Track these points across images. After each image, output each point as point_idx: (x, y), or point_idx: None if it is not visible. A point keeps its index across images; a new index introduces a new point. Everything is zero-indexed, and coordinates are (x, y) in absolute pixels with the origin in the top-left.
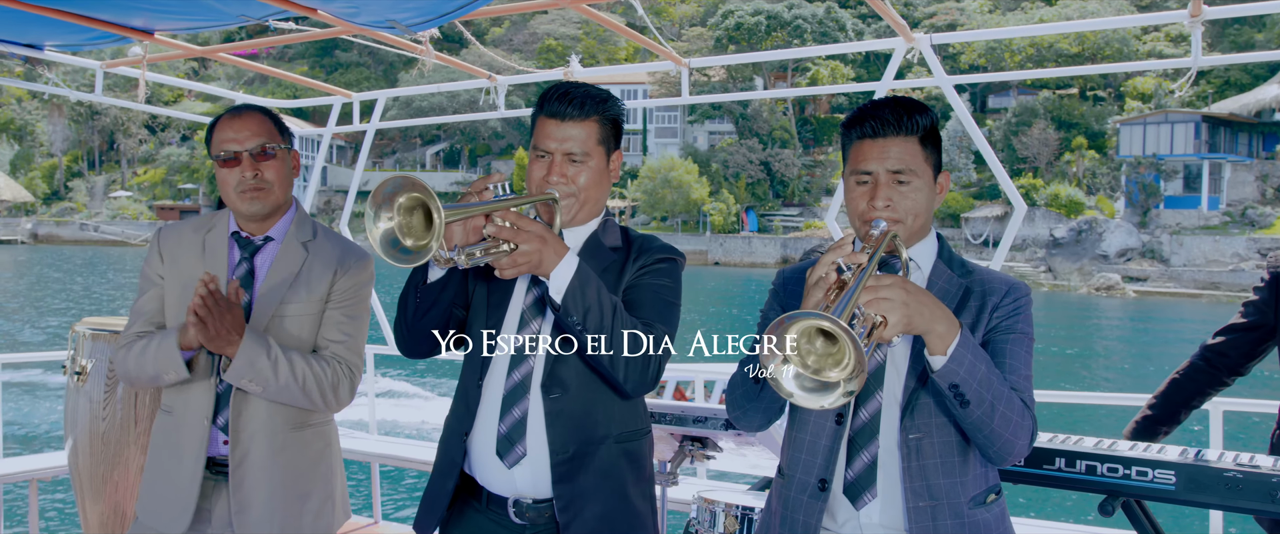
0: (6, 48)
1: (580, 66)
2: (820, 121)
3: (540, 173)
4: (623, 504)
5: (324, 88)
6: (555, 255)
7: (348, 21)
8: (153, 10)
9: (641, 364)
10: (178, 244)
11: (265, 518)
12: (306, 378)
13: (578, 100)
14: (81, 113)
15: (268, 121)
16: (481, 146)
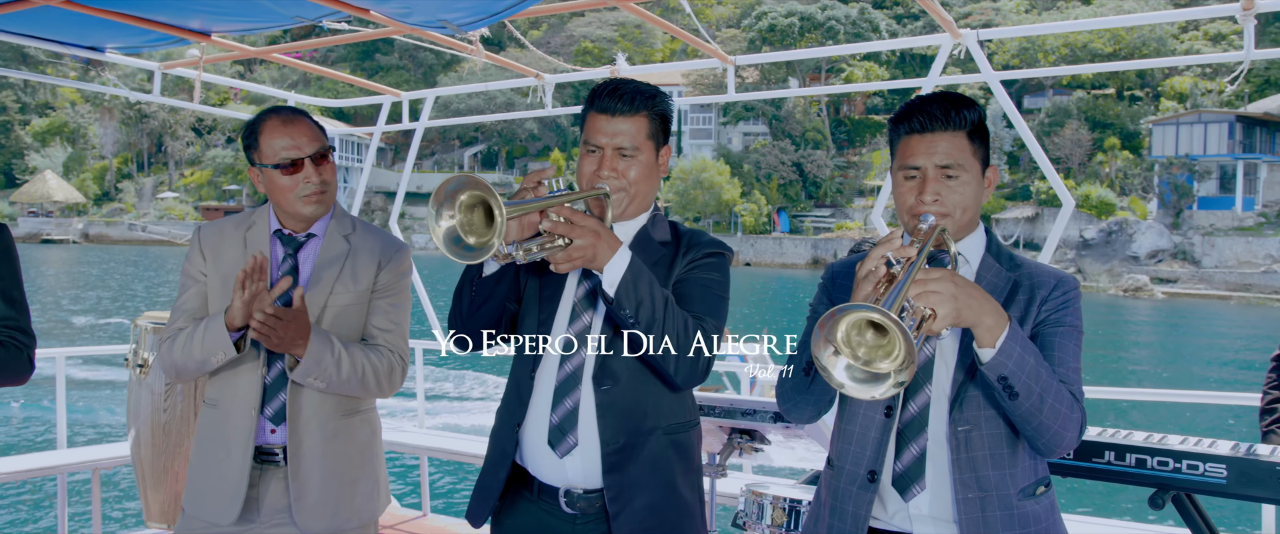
0: (69, 50)
1: (627, 65)
2: (854, 122)
3: (591, 167)
4: (671, 495)
5: (373, 87)
6: (609, 249)
7: (399, 22)
8: (209, 12)
9: (692, 357)
10: (219, 241)
11: (320, 504)
12: (365, 370)
13: (628, 96)
14: (131, 116)
15: (315, 125)
16: (519, 148)
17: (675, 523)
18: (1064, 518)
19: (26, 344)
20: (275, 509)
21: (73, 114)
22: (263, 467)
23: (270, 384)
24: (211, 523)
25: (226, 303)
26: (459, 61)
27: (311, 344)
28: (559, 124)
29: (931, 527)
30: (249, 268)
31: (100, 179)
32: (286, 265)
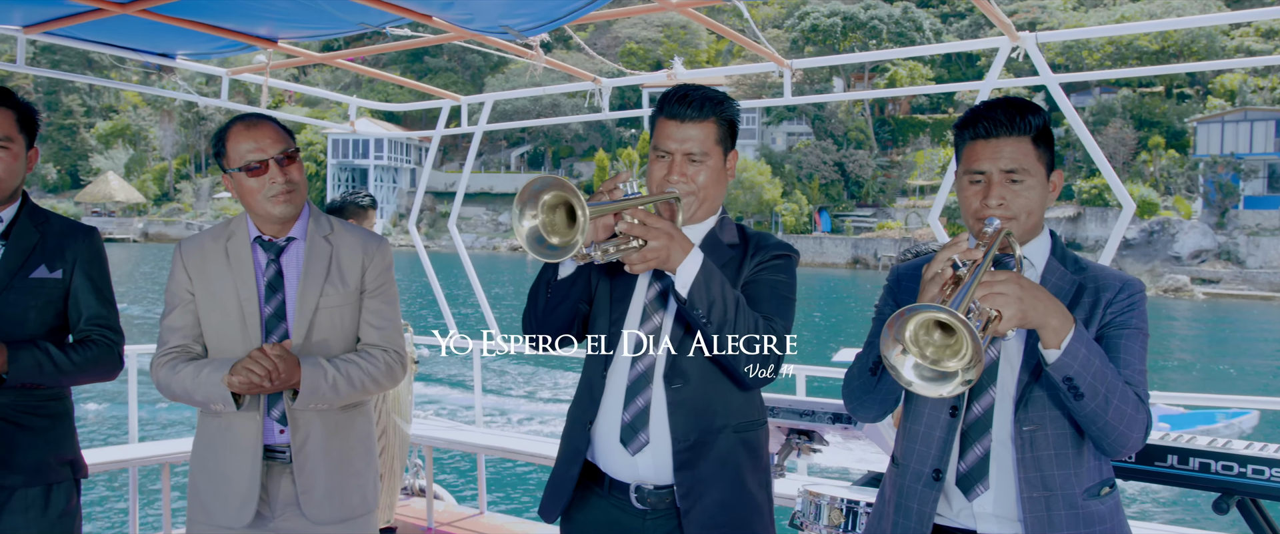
0: (142, 57)
1: (683, 68)
2: (898, 122)
3: (661, 172)
4: (740, 492)
5: (433, 91)
6: (682, 251)
7: (462, 27)
8: (277, 19)
9: (762, 356)
10: (201, 257)
11: (327, 496)
12: (362, 381)
13: (696, 102)
14: (190, 119)
15: (280, 127)
16: (564, 149)
17: (744, 520)
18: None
19: (117, 341)
20: (285, 503)
21: (135, 117)
22: (269, 464)
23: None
24: (225, 526)
25: (217, 317)
26: (506, 64)
27: (305, 376)
28: (604, 125)
29: (995, 525)
30: (256, 380)
31: (160, 180)
32: (271, 271)
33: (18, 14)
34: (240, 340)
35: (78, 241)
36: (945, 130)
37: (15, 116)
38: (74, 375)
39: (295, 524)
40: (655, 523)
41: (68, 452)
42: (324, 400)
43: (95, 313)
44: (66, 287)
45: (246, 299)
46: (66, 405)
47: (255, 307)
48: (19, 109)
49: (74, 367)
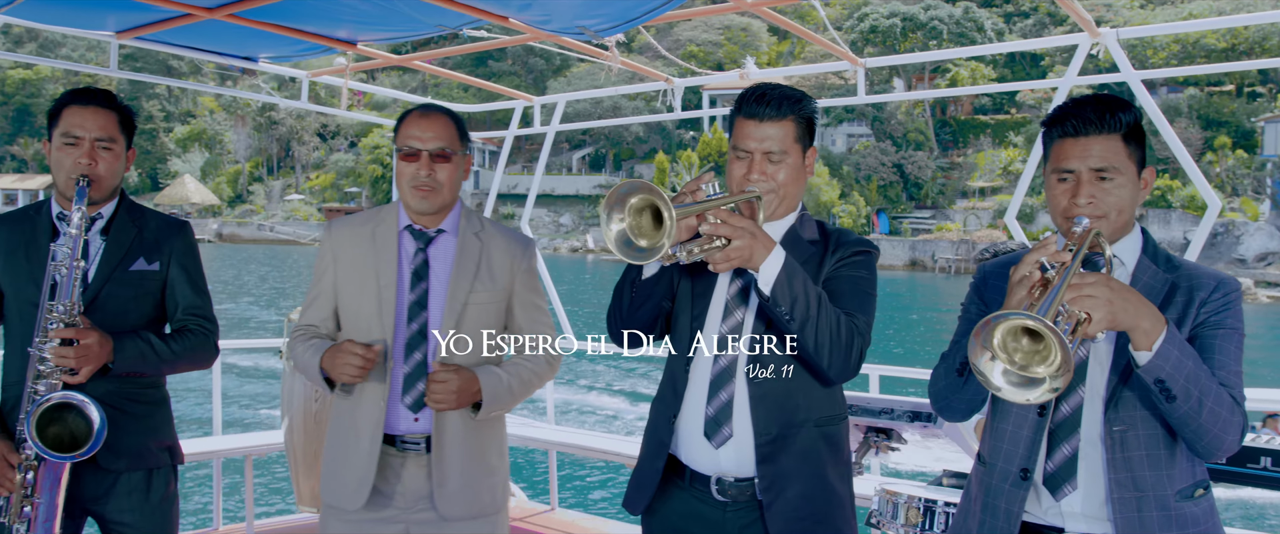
0: (226, 60)
1: (756, 68)
2: (960, 123)
3: (741, 171)
4: (822, 485)
5: (507, 92)
6: (764, 249)
7: (538, 28)
8: (356, 22)
9: (845, 352)
10: (348, 239)
11: (459, 492)
12: (531, 381)
13: (775, 101)
14: (263, 123)
15: (451, 125)
16: (626, 150)
17: (826, 514)
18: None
19: (212, 331)
20: (417, 496)
21: (211, 122)
22: (403, 453)
23: (409, 374)
24: (342, 509)
25: (353, 297)
26: (567, 67)
27: (485, 386)
28: (665, 128)
29: (1084, 524)
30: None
31: (234, 182)
32: (418, 259)
33: (111, 20)
34: (375, 321)
35: (173, 235)
36: (1007, 131)
37: (117, 118)
38: (174, 364)
39: (425, 518)
40: (736, 514)
41: (166, 437)
42: (504, 406)
43: (191, 303)
44: (164, 278)
45: (385, 284)
46: (164, 393)
47: (393, 291)
48: (120, 111)
49: (174, 355)
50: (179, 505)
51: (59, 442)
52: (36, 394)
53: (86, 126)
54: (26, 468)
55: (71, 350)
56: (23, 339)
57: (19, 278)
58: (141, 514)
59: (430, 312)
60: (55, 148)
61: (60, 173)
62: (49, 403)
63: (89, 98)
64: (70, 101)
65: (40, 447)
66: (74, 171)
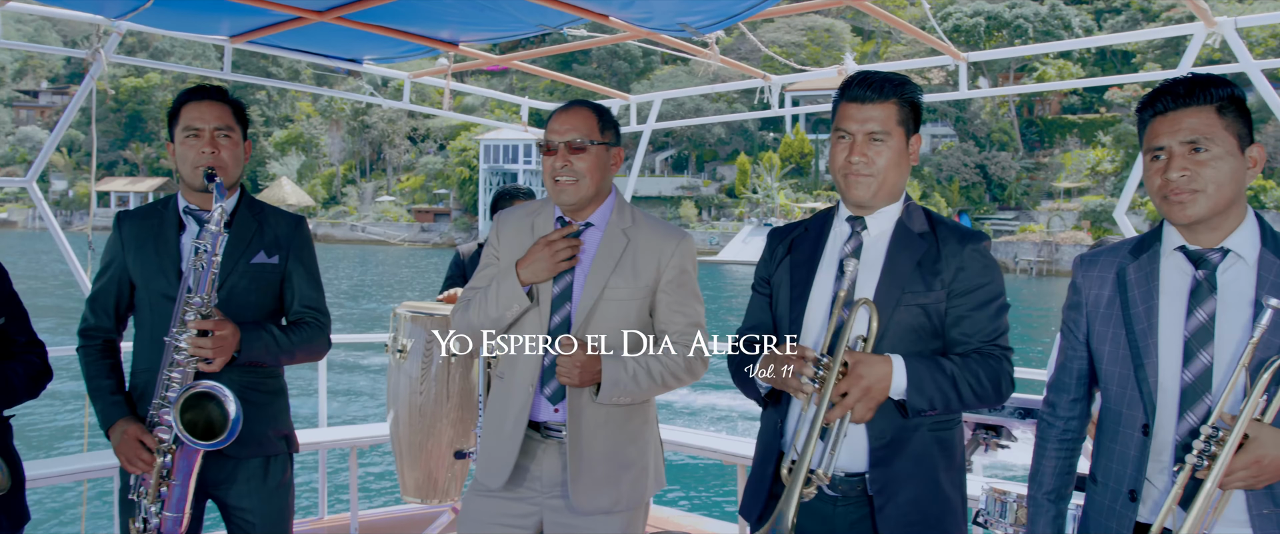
0: (332, 62)
1: (854, 63)
2: (1047, 122)
3: (842, 154)
4: (934, 490)
5: (603, 90)
6: (882, 387)
7: (638, 26)
8: (459, 23)
9: (995, 396)
10: (511, 229)
11: (592, 484)
12: (664, 376)
13: (877, 83)
14: (355, 127)
15: (591, 116)
16: (708, 152)
17: (938, 519)
18: None
19: (327, 324)
20: (552, 483)
21: (308, 126)
22: (546, 440)
23: (548, 366)
24: (487, 485)
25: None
26: (651, 70)
27: (606, 370)
28: (747, 128)
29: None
30: (556, 237)
31: (328, 184)
32: None
33: (225, 24)
34: (533, 311)
35: (291, 229)
36: (1096, 130)
37: (232, 110)
38: (293, 355)
39: (557, 506)
40: (846, 510)
41: (284, 426)
42: (626, 394)
43: (308, 297)
44: (283, 272)
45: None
46: (282, 383)
47: (547, 282)
48: (234, 104)
49: (293, 346)
50: (294, 492)
51: (193, 428)
52: (171, 382)
53: (205, 118)
54: (165, 451)
55: (208, 341)
56: (153, 329)
57: (149, 270)
58: (259, 499)
59: (572, 303)
60: (178, 144)
61: (185, 165)
62: (194, 390)
63: (204, 93)
64: (187, 99)
65: (184, 433)
66: (199, 161)
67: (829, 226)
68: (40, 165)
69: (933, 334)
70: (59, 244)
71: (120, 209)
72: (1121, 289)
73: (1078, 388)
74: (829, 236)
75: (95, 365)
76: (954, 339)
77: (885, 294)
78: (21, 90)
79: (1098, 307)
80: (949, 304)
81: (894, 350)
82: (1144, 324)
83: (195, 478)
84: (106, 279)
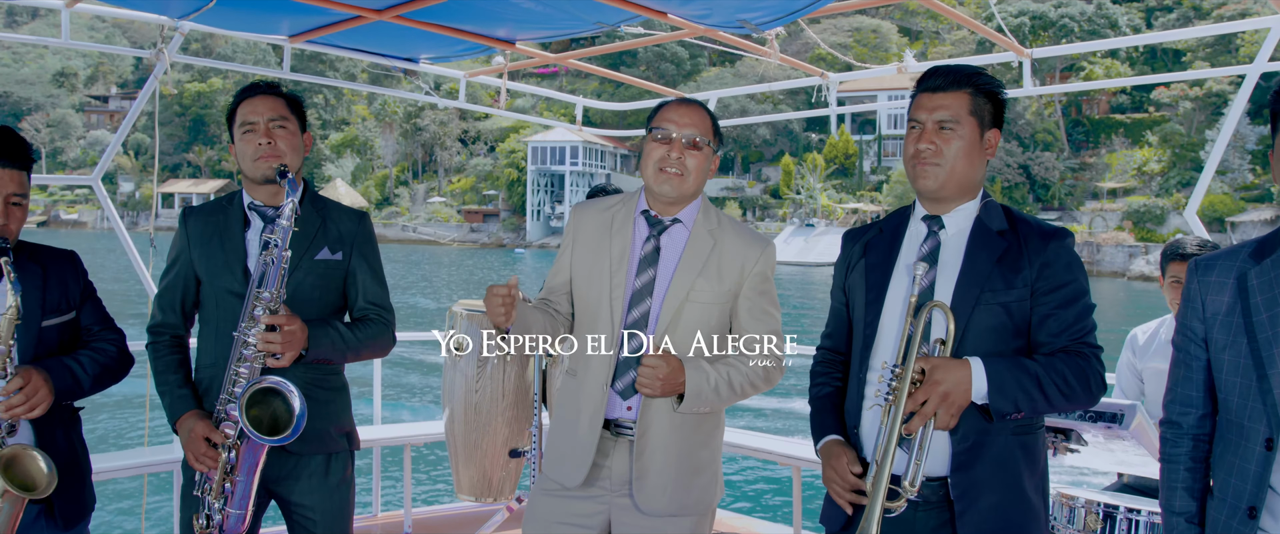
0: (389, 61)
1: (915, 61)
2: (1094, 122)
3: (912, 144)
4: (1017, 496)
5: (656, 88)
6: (963, 391)
7: (696, 23)
8: (516, 21)
9: (1085, 396)
10: (589, 221)
11: (660, 486)
12: (743, 386)
13: (951, 73)
14: (408, 130)
15: (708, 119)
16: (754, 153)
17: (1020, 526)
18: None
19: (391, 321)
20: (621, 482)
21: (362, 129)
22: (617, 438)
23: (622, 361)
24: (560, 483)
25: (585, 278)
26: (698, 71)
27: (690, 380)
28: (792, 129)
29: None
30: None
31: (382, 185)
32: (649, 246)
33: (285, 24)
34: (604, 304)
35: (354, 225)
36: (1144, 130)
37: (286, 102)
38: (358, 352)
39: (625, 505)
40: (926, 515)
41: (345, 423)
42: (707, 404)
43: (372, 293)
44: (346, 268)
45: (617, 269)
46: (344, 380)
47: (624, 275)
48: (287, 97)
49: (358, 343)
50: (355, 489)
51: (257, 424)
52: (238, 377)
53: (259, 111)
54: (229, 447)
55: (277, 336)
56: (218, 325)
57: (215, 266)
58: (320, 497)
59: (654, 299)
60: (237, 141)
61: (245, 160)
62: (259, 385)
63: (257, 89)
64: (242, 97)
65: (249, 428)
66: (257, 154)
67: (904, 227)
68: (105, 164)
69: (1015, 334)
70: (123, 242)
71: (185, 207)
72: (1242, 295)
73: (1205, 402)
74: (904, 238)
75: (163, 361)
76: (1039, 339)
77: (964, 295)
78: (92, 96)
79: (1217, 314)
80: (1034, 303)
81: (975, 352)
82: (1268, 333)
83: (259, 474)
84: (173, 275)
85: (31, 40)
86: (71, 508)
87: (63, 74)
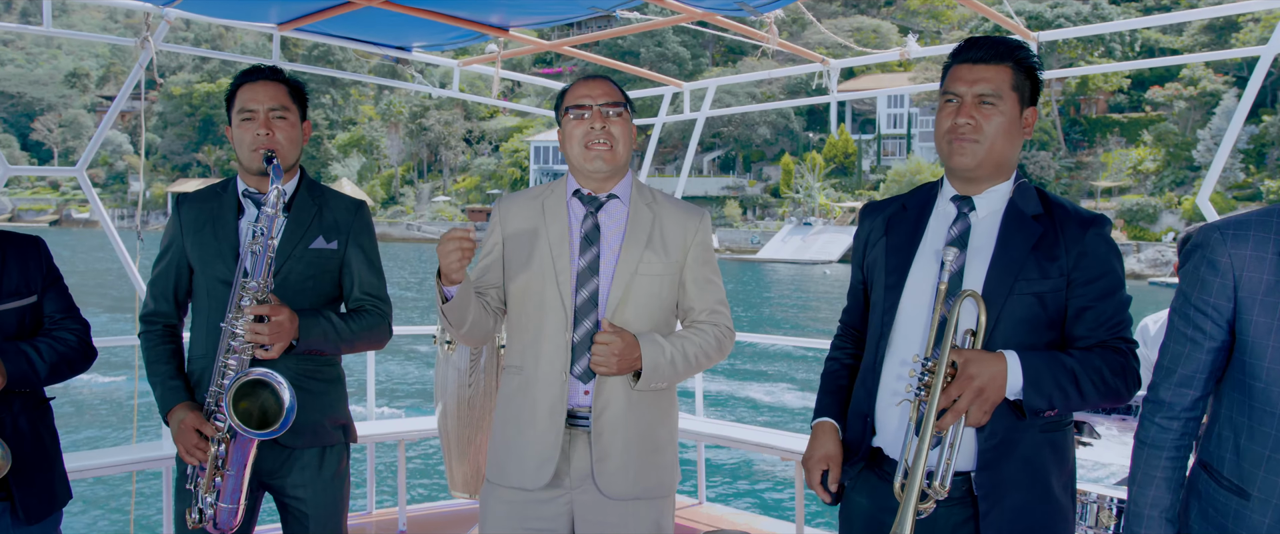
0: (379, 50)
1: (917, 46)
2: (1092, 122)
3: (947, 120)
4: (1044, 495)
5: (655, 77)
6: (997, 387)
7: (693, 7)
8: (509, 6)
9: (1123, 393)
10: (516, 210)
11: (622, 468)
12: (697, 357)
13: (991, 44)
14: (413, 129)
15: (618, 89)
16: (755, 152)
17: (1047, 527)
18: None
19: (387, 312)
20: (583, 474)
21: (369, 129)
22: (573, 431)
23: (577, 343)
24: (519, 487)
25: (521, 267)
26: (700, 71)
27: (646, 355)
28: (792, 129)
29: None
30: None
31: (387, 185)
32: (588, 224)
33: (273, 11)
34: (551, 287)
35: (350, 214)
36: (1141, 129)
37: (288, 90)
38: (352, 343)
39: (590, 496)
40: (949, 511)
41: (341, 415)
42: (665, 379)
43: (368, 283)
44: (341, 257)
45: (558, 253)
46: (339, 371)
47: (567, 259)
48: (289, 83)
49: (352, 334)
50: (350, 482)
51: (247, 417)
52: (227, 369)
53: (259, 99)
54: (219, 441)
55: (265, 327)
56: (210, 315)
57: (207, 254)
58: (314, 490)
59: (601, 277)
60: (235, 127)
61: (242, 149)
62: (247, 378)
63: (258, 74)
64: (241, 81)
65: (236, 421)
66: (255, 144)
67: (930, 206)
68: (89, 154)
69: (1048, 325)
70: (108, 232)
71: (178, 193)
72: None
73: (1206, 383)
74: (930, 217)
75: (155, 351)
76: (1076, 332)
77: (996, 283)
78: (103, 96)
79: (1254, 292)
80: (1070, 294)
81: (1006, 345)
82: None
83: (250, 468)
84: (165, 263)
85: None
86: (35, 501)
87: (75, 75)
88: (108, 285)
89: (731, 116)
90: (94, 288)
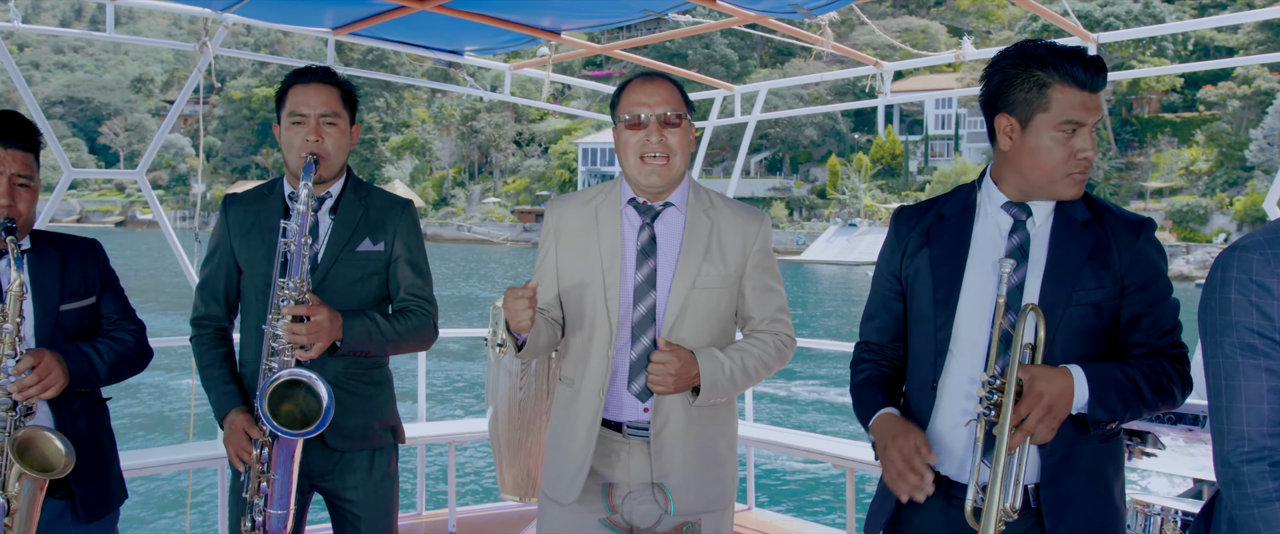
0: (433, 54)
1: (973, 48)
2: (1143, 121)
3: (1062, 150)
4: (1107, 504)
5: (706, 80)
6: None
7: (746, 10)
8: (561, 10)
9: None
10: (570, 216)
11: (683, 483)
12: (757, 368)
13: (1102, 68)
14: (465, 132)
15: (678, 90)
16: (802, 154)
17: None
18: None
19: (433, 312)
20: (642, 486)
21: (422, 131)
22: (628, 440)
23: (635, 360)
24: (557, 501)
25: (576, 279)
26: (747, 73)
27: (704, 370)
28: (840, 131)
29: None
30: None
31: (439, 186)
32: (643, 236)
33: (329, 16)
34: (600, 303)
35: (397, 215)
36: (1194, 129)
37: (340, 94)
38: (397, 344)
39: (649, 509)
40: (1012, 526)
41: (390, 417)
42: (724, 394)
43: (413, 284)
44: (388, 258)
45: (609, 266)
46: (387, 373)
47: (617, 272)
48: (341, 87)
49: (398, 335)
50: (399, 484)
51: (291, 419)
52: (271, 370)
53: (310, 103)
54: (262, 444)
55: (303, 327)
56: (258, 317)
57: (254, 256)
58: (365, 492)
59: (659, 292)
60: (284, 128)
61: (290, 152)
62: (279, 380)
63: (310, 76)
64: (294, 81)
65: (271, 422)
66: (303, 149)
67: (973, 213)
68: (150, 157)
69: (1103, 335)
70: (166, 233)
71: (227, 195)
72: None
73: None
74: (975, 225)
75: (208, 355)
76: (1132, 339)
77: (1053, 294)
78: (167, 100)
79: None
80: (1125, 302)
81: (1064, 357)
82: None
83: (297, 470)
84: (214, 265)
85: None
86: (94, 499)
87: (140, 80)
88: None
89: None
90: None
